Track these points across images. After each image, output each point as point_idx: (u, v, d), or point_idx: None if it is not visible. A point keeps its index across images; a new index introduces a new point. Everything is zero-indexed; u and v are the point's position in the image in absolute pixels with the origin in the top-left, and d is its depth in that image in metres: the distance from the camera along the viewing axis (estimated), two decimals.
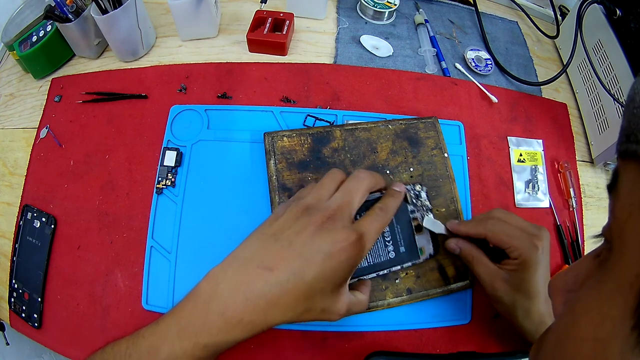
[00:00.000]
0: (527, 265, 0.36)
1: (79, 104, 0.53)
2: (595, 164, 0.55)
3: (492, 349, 0.43)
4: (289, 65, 0.56)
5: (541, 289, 0.37)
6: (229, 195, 0.47)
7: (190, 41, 0.59)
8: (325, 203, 0.34)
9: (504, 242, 0.38)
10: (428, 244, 0.41)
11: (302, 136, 0.48)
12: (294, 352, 0.42)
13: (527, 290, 0.37)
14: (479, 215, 0.42)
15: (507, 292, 0.38)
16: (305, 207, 0.34)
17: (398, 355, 0.37)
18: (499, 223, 0.39)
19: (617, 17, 0.51)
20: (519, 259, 0.37)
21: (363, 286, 0.38)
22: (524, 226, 0.38)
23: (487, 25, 0.66)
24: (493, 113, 0.56)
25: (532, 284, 0.36)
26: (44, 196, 0.49)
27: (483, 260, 0.40)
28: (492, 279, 0.39)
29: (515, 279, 0.37)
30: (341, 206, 0.34)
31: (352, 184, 0.36)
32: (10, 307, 0.46)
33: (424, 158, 0.48)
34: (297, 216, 0.33)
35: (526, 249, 0.37)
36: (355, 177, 0.37)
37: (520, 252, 0.37)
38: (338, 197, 0.35)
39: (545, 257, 0.37)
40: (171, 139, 0.50)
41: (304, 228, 0.32)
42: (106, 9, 0.51)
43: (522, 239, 0.37)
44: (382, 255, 0.39)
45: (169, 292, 0.43)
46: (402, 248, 0.40)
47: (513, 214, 0.40)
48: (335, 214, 0.33)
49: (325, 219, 0.32)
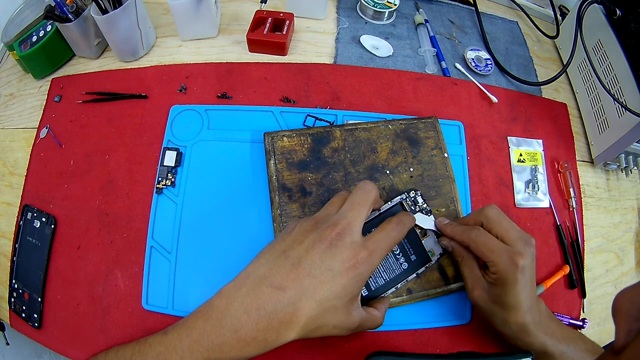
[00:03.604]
0: (504, 282, 0.36)
1: (79, 104, 0.53)
2: (595, 164, 0.55)
3: (492, 349, 0.43)
4: (289, 65, 0.56)
5: (521, 303, 0.36)
6: (229, 195, 0.47)
7: (190, 41, 0.59)
8: (334, 217, 0.35)
9: (484, 255, 0.38)
10: (435, 244, 0.42)
11: (302, 136, 0.48)
12: (294, 351, 0.42)
13: (504, 303, 0.37)
14: (471, 215, 0.42)
15: (485, 301, 0.38)
16: (315, 222, 0.35)
17: (398, 355, 0.37)
18: (482, 235, 0.38)
19: (617, 17, 0.51)
20: (497, 275, 0.37)
21: (380, 304, 0.38)
22: (511, 237, 0.37)
23: (487, 25, 0.66)
24: (493, 113, 0.56)
25: (509, 298, 0.36)
26: (44, 196, 0.49)
27: (470, 264, 0.40)
28: (473, 285, 0.39)
29: (493, 292, 0.38)
30: (349, 221, 0.34)
31: (358, 195, 0.36)
32: (10, 307, 0.46)
33: (424, 158, 0.48)
34: (307, 232, 0.34)
35: (504, 266, 0.36)
36: (361, 189, 0.36)
37: (498, 268, 0.36)
38: (346, 209, 0.35)
39: (526, 275, 0.36)
40: (171, 139, 0.50)
41: (313, 245, 0.33)
42: (106, 9, 0.51)
43: (502, 256, 0.36)
44: (396, 269, 0.41)
45: (169, 292, 0.43)
46: (413, 256, 0.41)
47: (505, 216, 0.39)
48: (344, 230, 0.33)
49: (334, 235, 0.33)
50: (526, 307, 0.36)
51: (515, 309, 0.36)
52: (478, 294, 0.38)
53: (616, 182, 0.56)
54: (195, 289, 0.44)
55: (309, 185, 0.46)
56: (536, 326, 0.37)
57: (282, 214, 0.44)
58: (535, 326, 0.37)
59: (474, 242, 0.38)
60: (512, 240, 0.37)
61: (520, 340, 0.37)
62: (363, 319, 0.35)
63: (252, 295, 0.32)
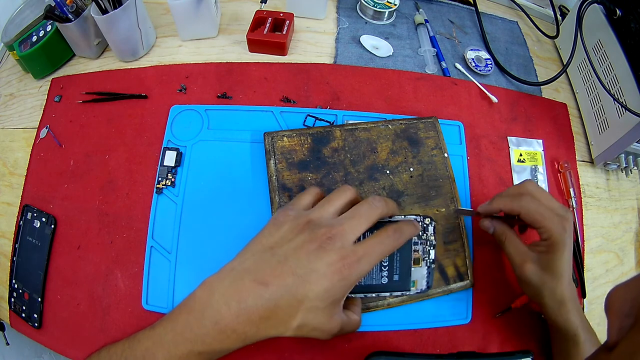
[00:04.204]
0: (556, 247, 0.37)
1: (79, 104, 0.53)
2: (595, 164, 0.55)
3: (492, 349, 0.43)
4: (289, 65, 0.56)
5: (566, 271, 0.37)
6: (229, 195, 0.47)
7: (190, 41, 0.59)
8: (328, 221, 0.34)
9: (537, 222, 0.38)
10: (423, 279, 0.39)
11: (302, 136, 0.48)
12: (294, 352, 0.42)
13: (554, 271, 0.37)
14: (511, 188, 0.41)
15: (536, 273, 0.38)
16: (307, 222, 0.34)
17: (398, 355, 0.37)
18: (533, 202, 0.39)
19: (617, 17, 0.51)
20: (549, 240, 0.38)
21: (354, 305, 0.37)
22: (555, 207, 0.39)
23: (487, 25, 0.66)
24: (493, 113, 0.56)
25: (559, 265, 0.37)
26: (44, 196, 0.49)
27: (515, 241, 0.40)
28: (523, 260, 0.39)
29: (544, 260, 0.38)
30: (344, 229, 0.33)
31: (364, 209, 0.35)
32: (10, 307, 0.46)
33: (424, 158, 0.48)
34: (298, 231, 0.33)
35: (556, 231, 0.37)
36: (369, 203, 0.35)
37: (551, 233, 0.37)
38: (345, 218, 0.34)
39: (570, 240, 0.38)
40: (171, 139, 0.50)
41: (301, 245, 0.32)
42: (106, 9, 0.51)
43: (554, 221, 0.37)
44: (375, 278, 0.39)
45: (169, 292, 0.43)
46: (396, 276, 0.39)
47: (543, 189, 0.40)
48: (335, 235, 0.32)
49: (325, 238, 0.32)
50: (567, 277, 0.38)
51: (562, 276, 0.37)
52: (529, 267, 0.39)
53: (616, 182, 0.56)
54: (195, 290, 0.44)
55: (309, 185, 0.45)
56: (573, 303, 0.38)
57: None
58: (572, 302, 0.38)
59: (526, 208, 0.38)
60: (556, 208, 0.38)
61: (561, 316, 0.38)
62: (344, 323, 0.34)
63: (234, 288, 0.32)
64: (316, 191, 0.39)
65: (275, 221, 0.35)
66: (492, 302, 0.45)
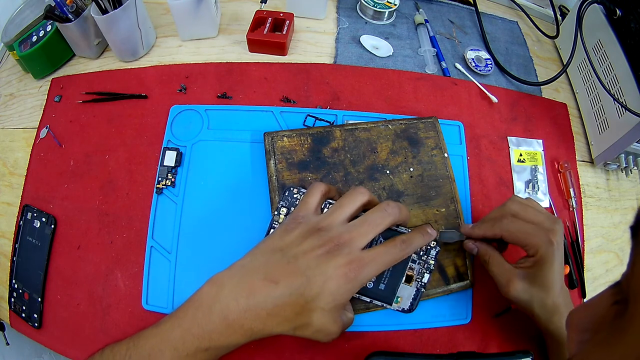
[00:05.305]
0: (543, 261, 0.37)
1: (79, 104, 0.53)
2: (595, 164, 0.55)
3: (492, 349, 0.43)
4: (289, 65, 0.56)
5: (556, 282, 0.37)
6: (229, 195, 0.47)
7: (190, 41, 0.59)
8: (338, 228, 0.35)
9: (520, 241, 0.38)
10: (408, 298, 0.38)
11: (302, 136, 0.48)
12: (294, 351, 0.42)
13: (544, 284, 0.37)
14: (493, 212, 0.41)
15: (524, 289, 0.38)
16: (317, 229, 0.35)
17: (398, 355, 0.37)
18: (513, 222, 0.39)
19: (617, 17, 0.51)
20: (536, 256, 0.37)
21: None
22: (540, 220, 0.38)
23: (487, 25, 0.66)
24: (493, 113, 0.56)
25: (549, 278, 0.37)
26: (44, 196, 0.49)
27: (498, 260, 0.40)
28: (508, 279, 0.39)
29: (531, 275, 0.38)
30: (353, 237, 0.34)
31: (376, 216, 0.36)
32: (10, 307, 0.46)
33: (424, 158, 0.48)
34: (308, 236, 0.34)
35: (543, 246, 0.37)
36: (382, 210, 0.36)
37: (536, 249, 0.37)
38: (354, 226, 0.35)
39: (559, 252, 0.37)
40: (171, 139, 0.50)
41: (311, 249, 0.33)
42: (106, 9, 0.51)
43: (539, 236, 0.37)
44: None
45: (169, 292, 0.43)
46: (382, 286, 0.38)
47: (530, 200, 0.40)
48: (344, 243, 0.33)
49: (333, 245, 0.33)
50: (558, 287, 0.37)
51: (552, 288, 0.37)
52: (514, 286, 0.38)
53: (616, 182, 0.56)
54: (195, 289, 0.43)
55: (309, 185, 0.45)
56: (567, 309, 0.37)
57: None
58: (566, 307, 0.37)
59: (507, 231, 0.38)
60: (541, 222, 0.38)
61: (554, 324, 0.37)
62: (344, 325, 0.35)
63: (243, 284, 0.32)
64: (321, 188, 0.39)
65: (287, 227, 0.36)
66: (492, 302, 0.45)
